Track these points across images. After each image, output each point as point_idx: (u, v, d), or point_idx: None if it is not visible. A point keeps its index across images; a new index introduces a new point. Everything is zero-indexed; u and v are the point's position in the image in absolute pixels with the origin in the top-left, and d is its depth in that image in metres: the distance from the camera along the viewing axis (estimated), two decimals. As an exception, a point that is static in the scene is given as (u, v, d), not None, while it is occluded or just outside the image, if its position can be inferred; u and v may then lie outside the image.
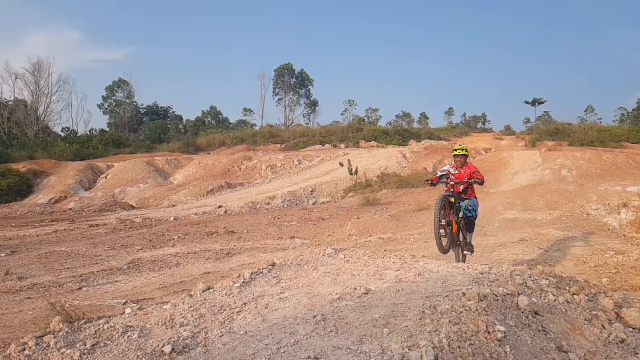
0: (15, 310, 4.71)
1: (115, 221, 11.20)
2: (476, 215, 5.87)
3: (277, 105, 50.55)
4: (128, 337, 2.71)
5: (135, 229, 10.15)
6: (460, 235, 5.83)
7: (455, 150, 6.10)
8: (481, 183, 5.73)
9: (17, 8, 75.41)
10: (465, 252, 5.86)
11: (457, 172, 5.95)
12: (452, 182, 5.83)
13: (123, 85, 45.99)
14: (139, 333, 2.75)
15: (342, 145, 26.02)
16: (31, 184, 17.26)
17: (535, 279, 3.53)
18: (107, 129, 42.99)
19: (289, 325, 2.67)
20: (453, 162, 6.11)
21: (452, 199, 5.63)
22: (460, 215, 5.77)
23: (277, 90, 49.43)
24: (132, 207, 14.72)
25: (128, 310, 3.37)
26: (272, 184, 17.41)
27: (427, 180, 6.22)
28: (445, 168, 6.18)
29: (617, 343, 2.92)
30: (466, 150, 6.06)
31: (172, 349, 2.43)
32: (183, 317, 2.99)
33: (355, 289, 3.41)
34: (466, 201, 5.78)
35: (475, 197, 5.94)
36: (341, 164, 17.12)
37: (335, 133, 29.67)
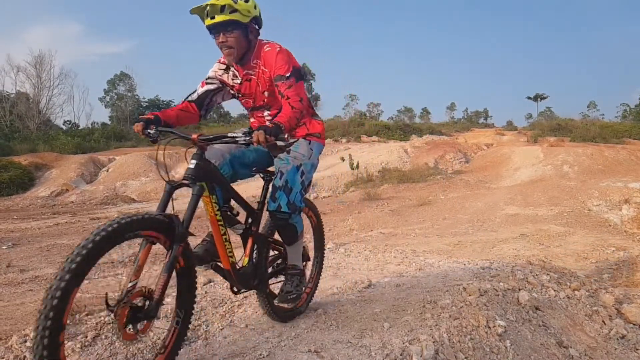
0: (17, 302, 4.73)
1: (116, 214, 11.20)
2: (300, 206, 2.34)
3: (278, 100, 50.48)
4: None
5: (136, 222, 10.17)
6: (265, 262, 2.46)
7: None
8: (286, 127, 1.99)
9: (19, 1, 75.20)
10: (279, 302, 2.49)
11: (239, 80, 2.36)
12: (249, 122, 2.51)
13: (125, 78, 46.00)
14: (140, 326, 2.75)
15: (344, 140, 25.97)
16: (33, 177, 17.28)
17: (536, 275, 3.53)
18: (109, 123, 43.01)
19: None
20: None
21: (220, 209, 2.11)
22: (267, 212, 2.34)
23: (278, 84, 49.35)
24: (134, 200, 14.74)
25: (129, 303, 3.38)
26: (273, 178, 17.38)
27: (139, 122, 2.16)
28: (210, 74, 2.42)
29: (617, 339, 2.92)
30: (232, 5, 2.09)
31: (173, 341, 2.43)
32: (184, 310, 2.99)
33: (356, 283, 3.41)
34: (281, 162, 2.30)
35: (313, 139, 2.44)
36: (342, 159, 17.10)
37: (336, 127, 29.59)
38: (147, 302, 1.75)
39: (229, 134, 1.97)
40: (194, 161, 1.99)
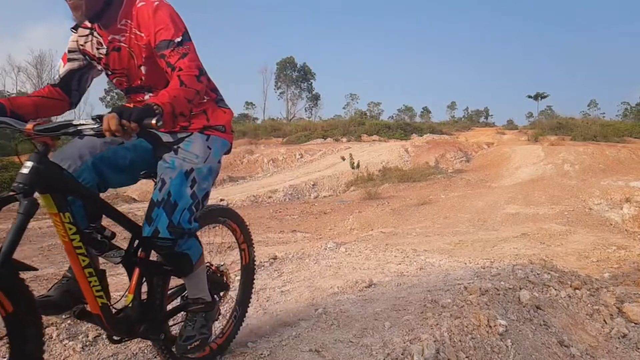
0: (18, 302, 4.73)
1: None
2: (188, 227, 1.61)
3: (279, 99, 50.78)
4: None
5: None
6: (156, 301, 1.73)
7: None
8: (167, 110, 1.32)
9: (19, 1, 75.37)
10: (178, 353, 1.78)
11: (104, 49, 1.61)
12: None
13: (125, 78, 46.05)
14: (141, 325, 2.75)
15: (344, 139, 25.95)
16: (33, 177, 17.31)
17: (537, 274, 3.53)
18: (109, 122, 43.03)
19: (291, 318, 2.67)
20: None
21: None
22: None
23: (279, 83, 49.46)
24: (135, 200, 14.73)
25: (130, 303, 3.38)
26: (274, 177, 17.40)
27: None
28: (70, 45, 1.67)
29: (618, 338, 2.92)
30: None
31: (174, 341, 2.44)
32: (185, 310, 3.00)
33: (357, 282, 3.41)
34: (165, 166, 1.60)
35: (214, 133, 1.73)
36: (343, 158, 17.10)
37: (337, 127, 29.58)
38: None
39: (74, 122, 1.31)
40: (30, 163, 1.34)
